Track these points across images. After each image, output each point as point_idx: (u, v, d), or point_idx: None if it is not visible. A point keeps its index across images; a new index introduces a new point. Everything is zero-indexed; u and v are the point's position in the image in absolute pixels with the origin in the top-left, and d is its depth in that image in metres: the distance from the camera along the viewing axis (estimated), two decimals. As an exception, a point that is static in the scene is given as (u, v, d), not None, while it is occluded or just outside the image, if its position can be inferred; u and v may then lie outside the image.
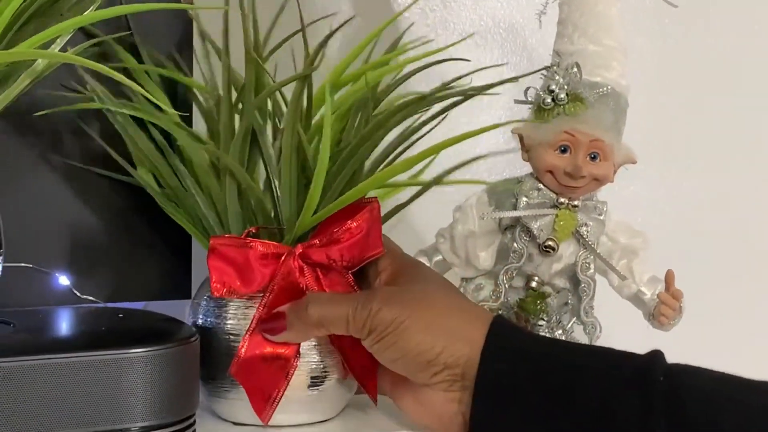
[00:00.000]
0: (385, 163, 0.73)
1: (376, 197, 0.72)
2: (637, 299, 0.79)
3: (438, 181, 0.70)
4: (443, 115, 0.70)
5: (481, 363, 0.62)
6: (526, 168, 0.79)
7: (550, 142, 0.75)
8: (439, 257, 0.80)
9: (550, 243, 0.76)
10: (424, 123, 0.72)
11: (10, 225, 0.68)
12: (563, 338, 0.80)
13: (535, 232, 0.76)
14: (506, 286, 0.78)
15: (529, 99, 0.77)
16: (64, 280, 0.75)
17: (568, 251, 0.77)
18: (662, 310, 0.76)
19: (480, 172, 0.86)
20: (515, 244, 0.77)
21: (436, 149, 0.69)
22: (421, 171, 0.82)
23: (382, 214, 0.72)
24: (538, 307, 0.78)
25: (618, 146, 0.76)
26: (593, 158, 0.75)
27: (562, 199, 0.76)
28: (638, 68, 1.01)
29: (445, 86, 0.69)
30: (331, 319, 0.66)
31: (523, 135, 0.77)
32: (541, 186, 0.76)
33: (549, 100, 0.75)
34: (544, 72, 0.76)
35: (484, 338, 0.63)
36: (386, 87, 0.74)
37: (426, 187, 0.71)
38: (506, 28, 0.95)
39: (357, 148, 0.69)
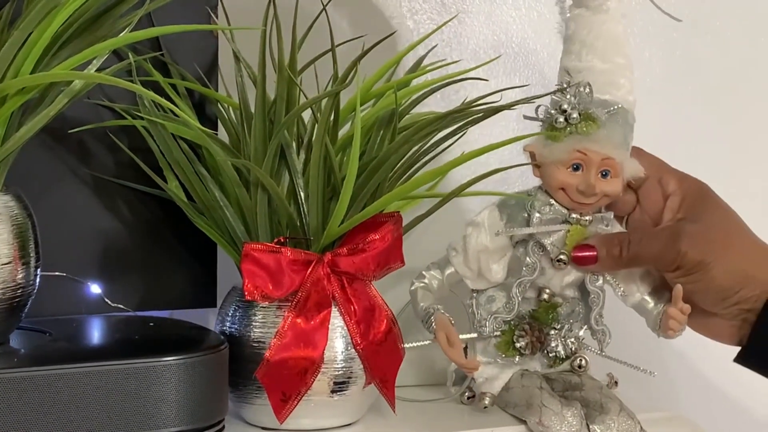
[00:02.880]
0: (406, 176, 0.75)
1: (398, 211, 0.74)
2: (641, 307, 0.80)
3: (458, 192, 0.73)
4: (463, 132, 0.73)
5: (765, 305, 0.73)
6: (536, 180, 0.80)
7: (563, 160, 0.76)
8: (451, 270, 0.80)
9: (563, 257, 0.78)
10: (444, 138, 0.74)
11: (44, 236, 0.70)
12: (575, 346, 0.81)
13: (548, 248, 0.78)
14: (519, 298, 0.79)
15: (540, 116, 0.78)
16: (96, 288, 0.77)
17: None
18: (670, 324, 0.77)
19: (494, 184, 0.87)
20: (528, 259, 0.78)
21: (459, 161, 0.72)
22: (436, 184, 0.85)
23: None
24: (550, 317, 0.80)
25: (627, 162, 0.78)
26: (604, 175, 0.77)
27: (574, 215, 0.78)
28: (648, 78, 1.03)
29: (470, 104, 0.72)
30: (642, 258, 0.76)
31: (534, 152, 0.78)
32: (552, 201, 0.78)
33: (562, 119, 0.76)
34: (555, 93, 0.77)
35: None
36: (406, 104, 0.77)
37: (446, 198, 0.74)
38: (519, 42, 0.97)
39: (383, 161, 0.71)
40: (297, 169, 0.74)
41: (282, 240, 0.73)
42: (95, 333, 0.74)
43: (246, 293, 0.71)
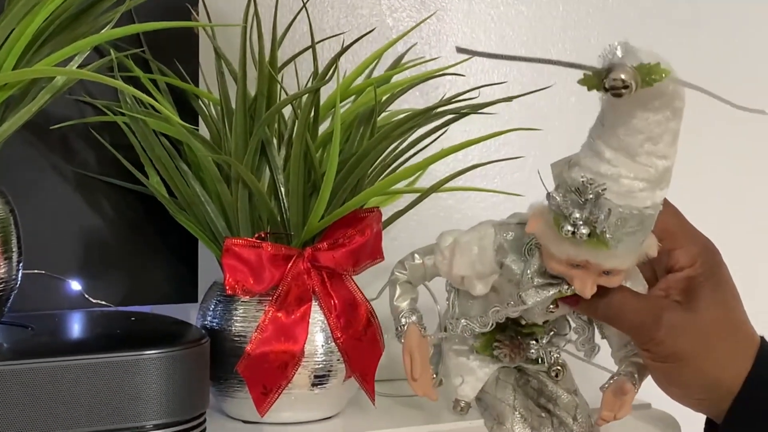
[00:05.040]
0: (387, 172, 0.76)
1: (378, 207, 0.75)
2: (609, 342, 0.74)
3: (437, 188, 0.73)
4: (445, 128, 0.74)
5: (730, 412, 0.68)
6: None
7: (563, 260, 0.65)
8: (432, 263, 0.73)
9: (551, 309, 0.70)
10: (425, 135, 0.75)
11: (26, 231, 0.70)
12: (556, 355, 0.76)
13: (533, 309, 0.70)
14: (493, 320, 0.71)
15: (549, 196, 0.64)
16: (76, 285, 0.77)
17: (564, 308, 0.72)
18: (600, 422, 0.72)
19: (473, 179, 0.88)
20: (511, 300, 0.70)
21: (438, 157, 0.73)
22: (415, 180, 0.85)
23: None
24: (532, 331, 0.75)
25: (638, 259, 0.66)
26: (607, 273, 0.66)
27: (566, 286, 0.68)
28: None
29: (449, 101, 0.73)
30: (617, 323, 0.69)
31: (536, 236, 0.67)
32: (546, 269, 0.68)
33: (569, 229, 0.63)
34: (574, 181, 0.63)
35: (741, 385, 0.68)
36: (385, 101, 0.78)
37: (425, 194, 0.75)
38: (497, 40, 0.98)
39: (362, 157, 0.72)
40: (277, 165, 0.74)
41: (263, 235, 0.73)
42: (77, 327, 0.74)
43: (227, 288, 0.72)
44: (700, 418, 0.76)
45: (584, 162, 0.63)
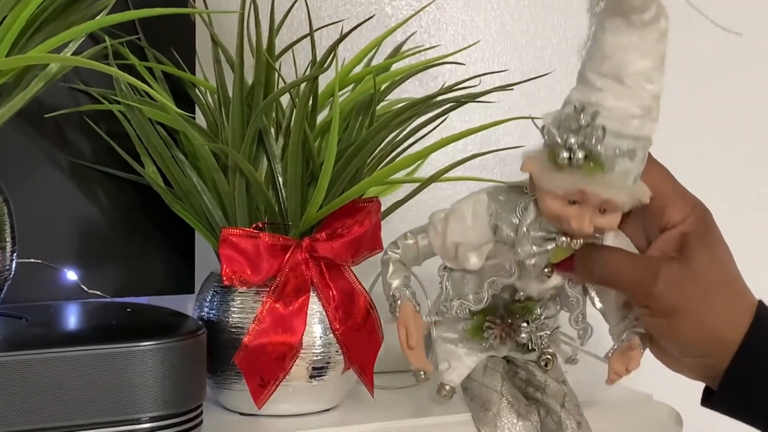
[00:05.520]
0: (386, 161, 0.75)
1: (377, 196, 0.74)
2: (607, 317, 0.75)
3: (437, 177, 0.73)
4: (445, 117, 0.73)
5: (731, 366, 0.69)
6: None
7: (559, 195, 0.68)
8: (426, 242, 0.74)
9: (547, 272, 0.72)
10: (423, 124, 0.74)
11: (20, 222, 0.69)
12: (546, 342, 0.77)
13: (529, 267, 0.71)
14: (488, 293, 0.73)
15: (544, 132, 0.68)
16: (72, 275, 0.77)
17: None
18: (611, 377, 0.72)
19: (472, 169, 0.87)
20: (507, 264, 0.72)
21: (438, 146, 0.72)
22: (415, 170, 0.85)
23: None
24: (524, 311, 0.77)
25: (631, 197, 0.68)
26: (603, 211, 0.68)
27: (563, 238, 0.70)
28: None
29: (448, 89, 0.72)
30: (614, 283, 0.70)
31: (532, 175, 0.69)
32: (543, 217, 0.70)
33: (565, 155, 0.66)
34: (569, 112, 0.66)
35: (741, 341, 0.68)
36: (384, 89, 0.77)
37: (425, 184, 0.74)
38: (497, 29, 0.97)
39: (361, 147, 0.71)
40: (275, 155, 0.74)
41: (260, 225, 0.72)
42: (72, 318, 0.74)
43: (224, 278, 0.71)
44: (702, 410, 0.75)
45: (575, 95, 0.66)
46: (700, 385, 0.75)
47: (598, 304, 0.74)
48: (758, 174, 1.11)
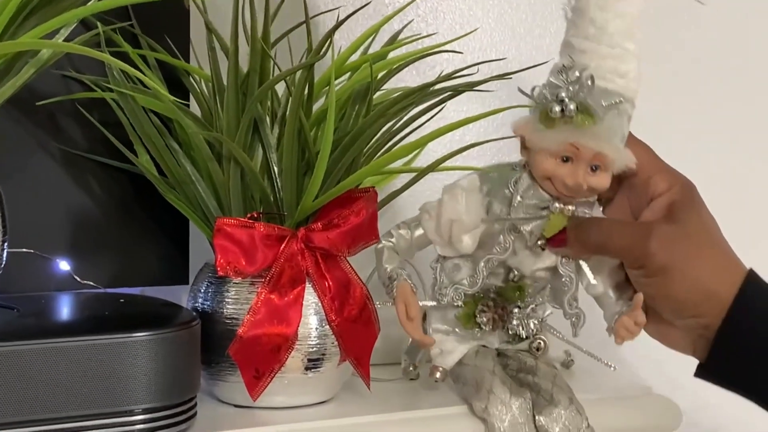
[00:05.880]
0: (382, 151, 0.74)
1: (374, 186, 0.74)
2: (602, 301, 0.77)
3: (434, 167, 0.72)
4: (442, 106, 0.72)
5: (724, 323, 0.71)
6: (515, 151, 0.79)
7: (552, 151, 0.72)
8: (421, 232, 0.77)
9: (541, 243, 0.75)
10: (420, 113, 0.74)
11: (12, 211, 0.69)
12: (536, 328, 0.79)
13: (525, 235, 0.75)
14: (484, 274, 0.76)
15: (534, 96, 0.73)
16: (64, 265, 0.76)
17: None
18: (621, 333, 0.74)
19: (470, 159, 0.86)
20: (501, 238, 0.75)
21: (435, 135, 0.72)
22: (412, 159, 0.84)
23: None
24: (516, 295, 0.78)
25: (620, 156, 0.73)
26: (594, 169, 0.72)
27: (557, 204, 0.74)
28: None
29: (446, 78, 0.71)
30: (609, 248, 0.73)
31: (524, 135, 0.73)
32: (536, 186, 0.74)
33: (557, 109, 0.70)
34: (557, 71, 0.72)
35: (733, 300, 0.71)
36: (381, 78, 0.76)
37: (421, 173, 0.73)
38: (495, 17, 0.97)
39: (358, 136, 0.70)
40: (270, 144, 0.73)
41: (255, 215, 0.72)
42: (64, 309, 0.73)
43: (219, 269, 0.70)
44: (701, 404, 0.75)
45: (565, 37, 0.73)
46: (700, 379, 0.75)
47: (593, 280, 0.76)
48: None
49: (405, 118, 0.74)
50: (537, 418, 0.74)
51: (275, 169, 0.73)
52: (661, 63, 1.04)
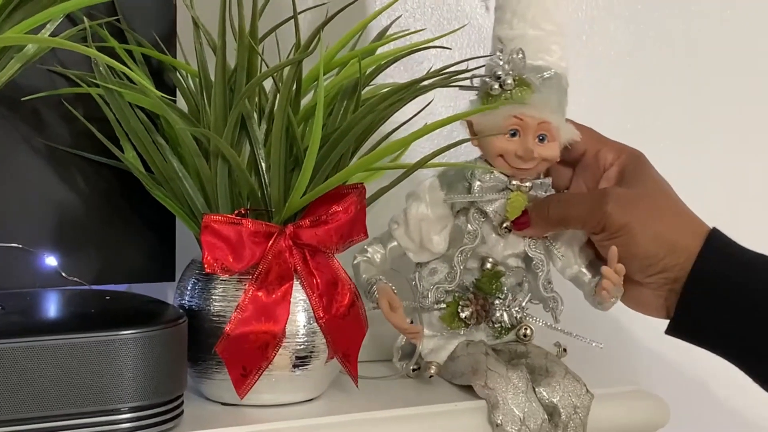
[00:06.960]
0: (369, 147, 0.74)
1: (362, 183, 0.73)
2: (578, 280, 0.81)
3: (422, 164, 0.72)
4: (429, 101, 0.72)
5: (691, 273, 0.74)
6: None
7: (500, 127, 0.77)
8: (394, 243, 0.80)
9: (507, 224, 0.79)
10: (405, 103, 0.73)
11: (-2, 206, 0.68)
12: (520, 315, 0.81)
13: (491, 215, 0.78)
14: (461, 267, 0.79)
15: (475, 86, 0.78)
16: (51, 261, 0.75)
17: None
18: (604, 284, 0.77)
19: (457, 156, 0.87)
20: (469, 226, 0.79)
21: (423, 132, 0.71)
22: (399, 156, 0.84)
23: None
24: (494, 286, 0.81)
25: (563, 126, 0.79)
26: (541, 140, 0.77)
27: (514, 182, 0.79)
28: (612, 51, 1.03)
29: (435, 74, 0.71)
30: (569, 218, 0.77)
31: (472, 122, 0.78)
32: (492, 169, 0.78)
33: (497, 86, 0.77)
34: (489, 60, 0.78)
35: (699, 250, 0.74)
36: (369, 74, 0.76)
37: (410, 170, 0.73)
38: (483, 13, 0.96)
39: (346, 132, 0.70)
40: (258, 140, 0.72)
41: (243, 212, 0.71)
42: (50, 306, 0.72)
43: (206, 266, 0.70)
44: (689, 400, 0.75)
45: (493, 34, 0.80)
46: (688, 376, 0.75)
47: (562, 256, 0.80)
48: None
49: (393, 115, 0.74)
50: (537, 390, 0.75)
51: (263, 165, 0.72)
52: (662, 63, 1.04)
